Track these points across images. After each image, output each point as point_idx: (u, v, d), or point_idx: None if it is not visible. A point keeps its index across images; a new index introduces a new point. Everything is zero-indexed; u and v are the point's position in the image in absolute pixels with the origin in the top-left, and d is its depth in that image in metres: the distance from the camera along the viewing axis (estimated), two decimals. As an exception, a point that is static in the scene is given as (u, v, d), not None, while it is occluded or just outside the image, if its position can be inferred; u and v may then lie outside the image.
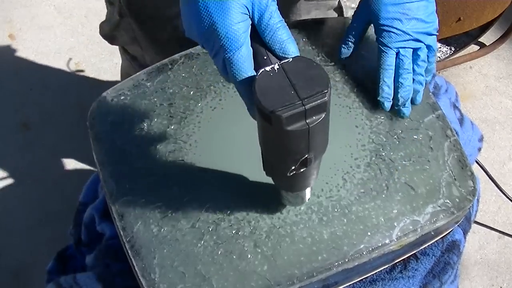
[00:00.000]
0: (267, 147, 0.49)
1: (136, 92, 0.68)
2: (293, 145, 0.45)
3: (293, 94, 0.42)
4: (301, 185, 0.54)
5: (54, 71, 1.68)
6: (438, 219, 0.60)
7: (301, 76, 0.43)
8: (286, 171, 0.48)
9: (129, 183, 0.61)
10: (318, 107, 0.42)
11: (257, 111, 0.44)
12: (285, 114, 0.42)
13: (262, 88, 0.43)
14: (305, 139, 0.44)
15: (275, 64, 0.44)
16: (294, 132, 0.43)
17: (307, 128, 0.43)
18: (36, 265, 1.35)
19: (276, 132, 0.44)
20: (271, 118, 0.42)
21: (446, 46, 1.72)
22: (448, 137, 0.65)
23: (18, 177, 1.51)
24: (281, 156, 0.47)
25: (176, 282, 0.56)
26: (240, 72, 0.47)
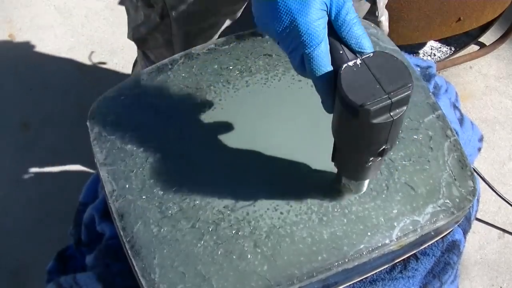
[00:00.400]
0: (346, 139, 0.51)
1: (136, 92, 0.68)
2: (376, 137, 0.47)
3: (379, 88, 0.44)
4: (370, 174, 0.56)
5: (54, 71, 1.68)
6: (438, 219, 0.60)
7: (384, 70, 0.45)
8: (364, 162, 0.51)
9: (129, 183, 0.61)
10: (402, 100, 0.44)
11: (341, 105, 0.46)
12: (373, 108, 0.43)
13: (348, 83, 0.45)
14: (387, 131, 0.47)
15: (356, 59, 0.46)
16: (378, 125, 0.45)
17: (391, 121, 0.45)
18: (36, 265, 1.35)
19: (360, 125, 0.46)
20: (358, 112, 0.44)
21: (446, 46, 1.72)
22: (448, 137, 0.65)
23: (18, 177, 1.51)
24: (361, 147, 0.49)
25: (176, 282, 0.56)
26: (320, 68, 0.47)
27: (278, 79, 0.69)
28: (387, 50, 0.72)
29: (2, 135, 1.58)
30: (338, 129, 0.50)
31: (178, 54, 0.71)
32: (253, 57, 0.70)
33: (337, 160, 0.56)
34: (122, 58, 1.72)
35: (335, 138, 0.53)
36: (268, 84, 0.68)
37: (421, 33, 1.48)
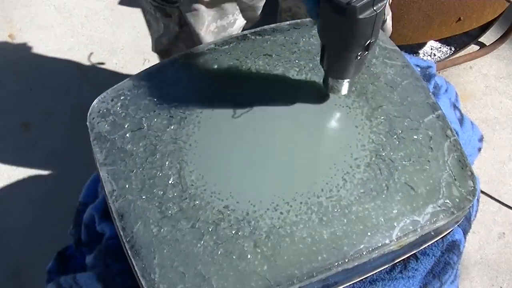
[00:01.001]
0: (334, 39, 0.57)
1: (136, 92, 0.68)
2: (363, 31, 0.54)
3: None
4: (357, 70, 0.62)
5: (54, 71, 1.68)
6: (438, 219, 0.60)
7: None
8: (353, 58, 0.58)
9: (129, 183, 0.61)
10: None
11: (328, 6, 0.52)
12: (359, 4, 0.50)
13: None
14: (371, 24, 0.53)
15: None
16: (364, 20, 0.52)
17: (375, 14, 0.52)
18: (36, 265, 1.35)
19: (348, 23, 0.52)
20: (346, 10, 0.50)
21: (446, 46, 1.72)
22: (448, 137, 0.65)
23: (18, 177, 1.51)
24: (350, 44, 0.56)
25: (176, 282, 0.56)
26: None
27: (278, 79, 0.69)
28: (387, 50, 0.72)
29: (2, 135, 1.58)
30: (326, 32, 0.57)
31: (178, 54, 0.71)
32: (253, 57, 0.70)
33: (326, 61, 0.61)
34: (122, 58, 1.72)
35: (323, 42, 0.59)
36: (268, 84, 0.68)
37: (421, 33, 1.48)
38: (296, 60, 0.70)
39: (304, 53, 0.71)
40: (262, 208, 0.59)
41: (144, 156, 0.63)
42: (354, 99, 0.67)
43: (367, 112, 0.66)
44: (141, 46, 1.70)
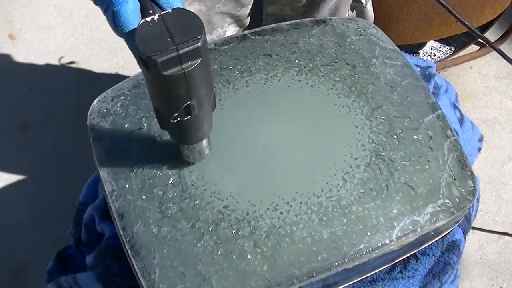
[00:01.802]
0: (152, 96, 0.52)
1: (136, 92, 0.68)
2: (172, 90, 0.48)
3: (169, 41, 0.46)
4: (193, 136, 0.56)
5: (54, 71, 1.68)
6: (438, 219, 0.60)
7: (178, 25, 0.47)
8: (169, 118, 0.51)
9: (129, 183, 0.61)
10: (192, 52, 0.46)
11: (137, 59, 0.48)
12: (160, 59, 0.45)
13: (141, 36, 0.46)
14: (183, 84, 0.47)
15: (155, 15, 0.47)
16: (171, 77, 0.46)
17: (183, 73, 0.46)
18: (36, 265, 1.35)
19: (155, 78, 0.47)
20: (148, 63, 0.46)
21: (446, 46, 1.72)
22: (448, 137, 0.65)
23: (18, 177, 1.51)
24: (164, 102, 0.51)
25: (176, 282, 0.56)
26: (127, 25, 0.50)
27: (278, 79, 0.69)
28: (386, 50, 0.72)
29: (2, 135, 1.58)
30: (148, 87, 0.52)
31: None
32: (253, 57, 0.70)
33: (160, 122, 0.56)
34: (122, 58, 1.72)
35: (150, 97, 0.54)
36: (268, 84, 0.68)
37: (421, 33, 1.48)
38: (296, 60, 0.70)
39: (304, 53, 0.71)
40: (262, 208, 0.59)
41: (144, 156, 0.63)
42: (354, 99, 0.67)
43: (367, 112, 0.66)
44: (141, 46, 1.70)
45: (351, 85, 0.68)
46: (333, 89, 0.68)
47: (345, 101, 0.67)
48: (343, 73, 0.69)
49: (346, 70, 0.69)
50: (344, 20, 0.75)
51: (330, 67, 0.70)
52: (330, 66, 0.70)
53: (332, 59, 0.70)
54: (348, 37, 0.73)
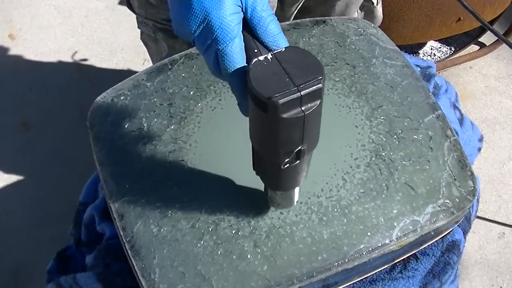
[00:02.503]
0: (260, 140, 0.48)
1: (136, 92, 0.68)
2: (288, 134, 0.45)
3: (288, 81, 0.42)
4: (291, 182, 0.53)
5: (54, 71, 1.68)
6: (438, 219, 0.60)
7: (294, 64, 0.44)
8: (279, 164, 0.48)
9: (129, 183, 0.61)
10: (313, 93, 0.43)
11: (251, 101, 0.44)
12: (281, 100, 0.41)
13: (256, 76, 0.43)
14: (300, 128, 0.44)
15: (268, 54, 0.44)
16: (289, 120, 0.43)
17: (303, 116, 0.43)
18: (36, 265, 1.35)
19: (271, 121, 0.43)
20: (267, 105, 0.42)
21: (446, 46, 1.72)
22: (448, 137, 0.65)
23: (18, 177, 1.51)
24: (275, 147, 0.47)
25: (176, 282, 0.56)
26: (233, 64, 0.46)
27: (278, 79, 0.69)
28: (386, 50, 0.72)
29: (2, 135, 1.58)
30: (253, 131, 0.48)
31: (178, 54, 0.71)
32: (253, 57, 0.70)
33: (257, 167, 0.53)
34: (122, 58, 1.72)
35: (252, 142, 0.50)
36: (268, 84, 0.68)
37: (421, 33, 1.48)
38: (296, 60, 0.70)
39: (304, 53, 0.71)
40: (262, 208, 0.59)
41: (144, 156, 0.63)
42: (354, 99, 0.67)
43: (367, 112, 0.66)
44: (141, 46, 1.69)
45: (351, 85, 0.68)
46: (333, 89, 0.68)
47: (345, 101, 0.67)
48: (343, 73, 0.69)
49: (346, 70, 0.69)
50: (344, 20, 0.75)
51: (330, 67, 0.70)
52: (330, 66, 0.70)
53: (332, 59, 0.70)
54: (348, 37, 0.73)
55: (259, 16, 0.47)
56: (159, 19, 0.88)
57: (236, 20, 0.46)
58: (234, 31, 0.46)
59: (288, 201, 0.57)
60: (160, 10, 0.87)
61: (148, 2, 0.86)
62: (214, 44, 0.46)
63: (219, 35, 0.46)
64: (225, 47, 0.46)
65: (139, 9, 0.89)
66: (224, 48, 0.46)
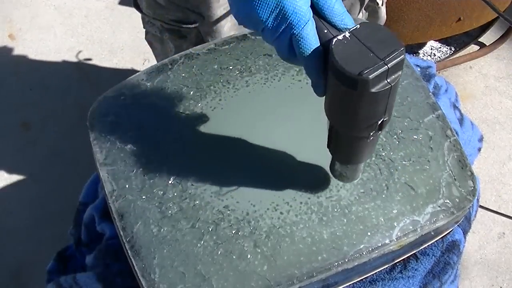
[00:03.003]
0: (343, 117, 0.49)
1: (136, 92, 0.68)
2: (375, 107, 0.46)
3: (373, 56, 0.44)
4: (367, 154, 0.54)
5: (54, 71, 1.68)
6: (438, 219, 0.60)
7: (373, 39, 0.45)
8: (365, 138, 0.50)
9: (129, 183, 0.61)
10: (397, 65, 0.44)
11: (336, 80, 0.45)
12: (372, 76, 0.43)
13: (341, 55, 0.44)
14: (385, 99, 0.46)
15: (344, 32, 0.45)
16: (378, 94, 0.44)
17: (390, 87, 0.44)
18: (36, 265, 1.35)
19: (359, 97, 0.45)
20: (357, 82, 0.43)
21: (446, 46, 1.72)
22: (448, 137, 0.65)
23: (18, 177, 1.51)
24: (361, 123, 0.48)
25: (176, 282, 0.56)
26: (310, 46, 0.47)
27: (278, 79, 0.69)
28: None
29: (2, 135, 1.58)
30: (334, 109, 0.49)
31: (178, 54, 0.71)
32: (253, 57, 0.70)
33: (334, 144, 0.54)
34: (122, 58, 1.72)
35: (331, 121, 0.51)
36: (268, 84, 0.68)
37: (421, 33, 1.48)
38: (296, 60, 0.70)
39: (304, 53, 0.71)
40: (262, 208, 0.59)
41: (144, 156, 0.63)
42: (354, 99, 0.67)
43: (367, 112, 0.66)
44: (141, 46, 1.70)
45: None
46: (333, 89, 0.68)
47: (345, 101, 0.67)
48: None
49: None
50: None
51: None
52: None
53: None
54: (348, 37, 0.73)
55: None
56: (167, 19, 0.88)
57: (307, 3, 0.47)
58: (307, 14, 0.47)
59: (358, 173, 0.59)
60: (169, 11, 0.87)
61: (157, 3, 0.86)
62: (288, 29, 0.47)
63: (293, 20, 0.46)
64: (301, 31, 0.47)
65: (147, 9, 0.89)
66: (300, 32, 0.47)
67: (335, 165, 0.58)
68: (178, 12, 0.86)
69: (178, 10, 0.86)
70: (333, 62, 0.44)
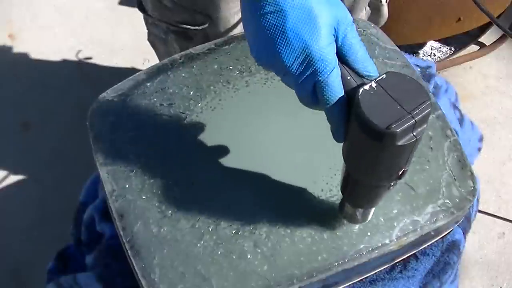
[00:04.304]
0: (363, 166, 0.48)
1: (136, 92, 0.68)
2: (399, 159, 0.46)
3: (400, 109, 0.43)
4: (378, 200, 0.54)
5: (54, 71, 1.68)
6: (438, 219, 0.60)
7: (399, 90, 0.44)
8: (384, 189, 0.50)
9: (129, 183, 0.61)
10: (424, 118, 0.43)
11: (362, 131, 0.44)
12: (399, 130, 0.42)
13: (368, 107, 0.43)
14: (408, 151, 0.45)
15: (370, 82, 0.44)
16: (403, 146, 0.43)
17: (415, 140, 0.44)
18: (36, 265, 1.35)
19: (384, 149, 0.44)
20: (383, 135, 0.42)
21: (446, 46, 1.72)
22: (448, 137, 0.65)
23: (18, 177, 1.51)
24: (383, 173, 0.47)
25: (176, 282, 0.56)
26: (335, 94, 0.46)
27: (278, 79, 0.69)
28: (386, 50, 0.72)
29: (2, 135, 1.58)
30: (354, 157, 0.48)
31: (178, 54, 0.71)
32: (253, 57, 0.70)
33: (349, 190, 0.53)
34: (122, 58, 1.72)
35: (348, 168, 0.50)
36: (268, 84, 0.68)
37: (421, 33, 1.48)
38: (296, 60, 0.70)
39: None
40: (262, 208, 0.59)
41: (144, 156, 0.63)
42: (354, 99, 0.67)
43: (367, 112, 0.66)
44: (141, 46, 1.70)
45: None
46: (333, 89, 0.68)
47: (345, 101, 0.67)
48: (343, 73, 0.69)
49: (346, 70, 0.69)
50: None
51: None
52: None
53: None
54: (348, 37, 0.73)
55: (349, 43, 0.46)
56: (173, 21, 0.87)
57: (333, 49, 0.46)
58: (333, 61, 0.45)
59: (368, 216, 0.58)
60: (175, 13, 0.86)
61: (163, 5, 0.86)
62: (312, 76, 0.45)
63: (319, 67, 0.45)
64: (326, 78, 0.45)
65: (152, 11, 0.89)
66: (325, 79, 0.45)
67: (345, 207, 0.57)
68: (185, 14, 0.86)
69: (185, 12, 0.85)
70: (359, 113, 0.43)
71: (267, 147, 0.63)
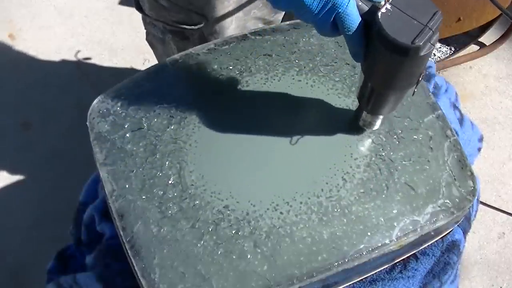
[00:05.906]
0: (388, 80, 0.54)
1: (136, 92, 0.68)
2: (421, 68, 0.52)
3: (417, 24, 0.49)
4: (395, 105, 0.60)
5: (54, 71, 1.68)
6: (438, 219, 0.60)
7: (411, 6, 0.50)
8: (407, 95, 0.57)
9: (129, 183, 0.61)
10: (437, 26, 0.50)
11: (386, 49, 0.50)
12: (422, 42, 0.48)
13: (389, 27, 0.49)
14: (427, 58, 0.51)
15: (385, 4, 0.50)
16: (425, 56, 0.50)
17: (433, 48, 0.50)
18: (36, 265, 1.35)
19: (409, 62, 0.50)
20: (409, 50, 0.49)
21: (446, 46, 1.72)
22: (448, 137, 0.65)
23: (18, 177, 1.51)
24: (408, 82, 0.54)
25: (176, 282, 0.56)
26: (354, 22, 0.51)
27: (278, 79, 0.69)
28: None
29: (2, 135, 1.58)
30: (377, 73, 0.54)
31: (178, 54, 0.71)
32: (253, 57, 0.70)
33: (371, 100, 0.58)
34: (122, 58, 1.72)
35: (373, 83, 0.56)
36: (268, 84, 0.68)
37: (421, 33, 1.48)
38: (296, 60, 0.70)
39: (304, 53, 0.71)
40: (262, 208, 0.59)
41: (144, 156, 0.63)
42: (354, 99, 0.67)
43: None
44: (141, 46, 1.71)
45: (351, 85, 0.68)
46: (333, 89, 0.68)
47: (345, 101, 0.67)
48: (343, 73, 0.69)
49: (346, 70, 0.69)
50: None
51: (330, 67, 0.70)
52: (330, 66, 0.70)
53: (332, 59, 0.70)
54: (348, 37, 0.73)
55: None
56: (170, 21, 0.88)
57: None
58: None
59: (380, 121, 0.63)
60: (172, 13, 0.87)
61: (160, 4, 0.86)
62: (332, 9, 0.51)
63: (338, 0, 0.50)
64: (345, 9, 0.50)
65: (149, 11, 0.89)
66: (344, 10, 0.50)
67: (362, 114, 0.62)
68: (181, 13, 0.86)
69: (181, 11, 0.86)
70: (384, 35, 0.49)
71: (268, 147, 0.63)
